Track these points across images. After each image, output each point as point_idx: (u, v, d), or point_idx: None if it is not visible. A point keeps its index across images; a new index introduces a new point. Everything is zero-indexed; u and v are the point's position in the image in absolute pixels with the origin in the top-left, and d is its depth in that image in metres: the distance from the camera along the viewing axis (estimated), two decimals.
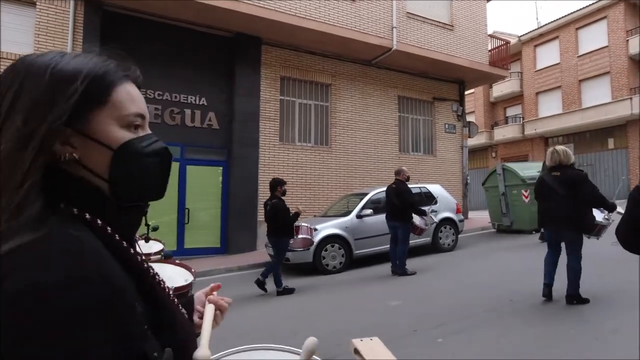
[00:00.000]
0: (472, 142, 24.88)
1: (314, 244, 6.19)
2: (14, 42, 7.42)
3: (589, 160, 19.58)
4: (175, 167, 9.11)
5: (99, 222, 0.53)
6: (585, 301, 3.89)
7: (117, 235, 0.54)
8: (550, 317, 3.82)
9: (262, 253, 8.07)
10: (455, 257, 7.45)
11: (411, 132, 12.41)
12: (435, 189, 8.35)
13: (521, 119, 23.11)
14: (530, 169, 10.16)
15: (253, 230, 9.25)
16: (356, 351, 0.73)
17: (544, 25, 22.05)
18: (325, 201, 10.21)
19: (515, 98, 23.64)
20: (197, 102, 9.33)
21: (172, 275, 2.30)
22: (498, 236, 9.54)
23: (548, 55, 21.82)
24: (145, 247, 3.30)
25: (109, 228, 0.53)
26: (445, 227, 8.04)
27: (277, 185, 5.63)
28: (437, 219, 7.93)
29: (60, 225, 0.48)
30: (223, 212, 9.56)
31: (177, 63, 9.11)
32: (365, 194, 7.66)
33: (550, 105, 21.58)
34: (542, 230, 7.37)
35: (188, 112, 9.22)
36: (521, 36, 22.86)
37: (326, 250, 6.73)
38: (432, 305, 4.56)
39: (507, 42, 13.23)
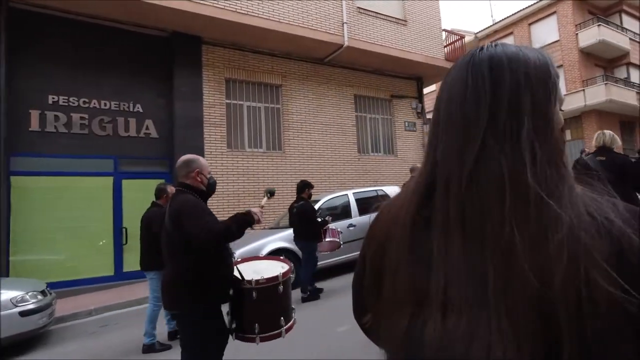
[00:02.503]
0: None
1: (341, 246, 5.80)
2: None
3: None
4: (107, 182, 8.19)
5: None
6: None
7: None
8: None
9: None
10: None
11: (370, 132, 11.94)
12: (392, 191, 7.83)
13: None
14: None
15: None
16: None
17: (498, 22, 22.36)
18: (281, 210, 9.52)
19: None
20: (131, 109, 8.44)
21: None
22: None
23: None
24: None
25: None
26: None
27: (305, 187, 5.58)
28: None
29: None
30: None
31: (105, 67, 8.21)
32: (317, 201, 7.04)
33: None
34: None
35: (121, 120, 8.31)
36: (477, 33, 23.09)
37: None
38: None
39: (462, 37, 13.06)
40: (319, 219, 5.56)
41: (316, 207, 6.83)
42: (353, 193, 7.29)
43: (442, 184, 0.51)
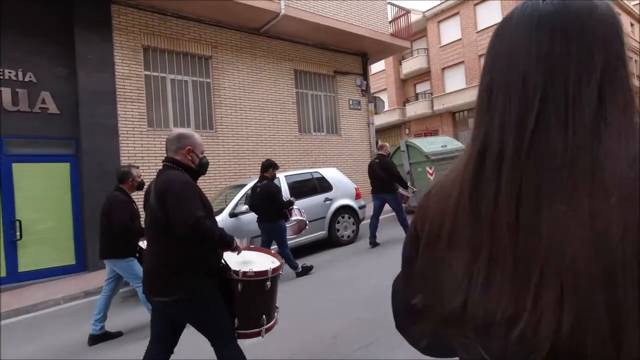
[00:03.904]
0: (385, 119, 24.88)
1: (307, 226, 5.65)
2: None
3: None
4: None
5: None
6: None
7: None
8: None
9: None
10: (355, 250, 6.48)
11: (312, 110, 11.23)
12: (330, 173, 7.25)
13: (430, 94, 23.43)
14: (434, 144, 9.63)
15: None
16: None
17: (445, 1, 22.27)
18: (211, 196, 8.64)
19: (424, 74, 23.87)
20: (21, 79, 7.04)
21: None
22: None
23: (451, 31, 22.17)
24: None
25: None
26: (343, 217, 7.01)
27: (269, 167, 5.33)
28: (332, 207, 6.87)
29: None
30: (76, 221, 7.52)
31: None
32: (244, 185, 6.28)
33: (455, 81, 22.07)
34: None
35: (6, 91, 6.91)
36: (425, 12, 22.91)
37: None
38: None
39: (408, 11, 12.57)
40: (284, 199, 5.40)
41: (240, 193, 6.09)
42: (285, 176, 6.60)
43: (497, 155, 0.49)
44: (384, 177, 6.29)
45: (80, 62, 7.43)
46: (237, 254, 2.18)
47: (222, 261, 2.11)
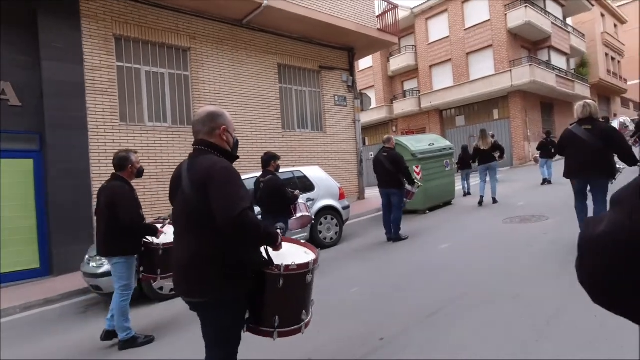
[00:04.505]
0: (373, 116, 24.64)
1: (313, 220, 5.46)
2: None
3: (477, 130, 20.34)
4: None
5: None
6: None
7: None
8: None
9: None
10: (339, 253, 6.16)
11: (296, 106, 10.86)
12: (312, 171, 6.91)
13: (418, 92, 23.27)
14: (422, 142, 9.38)
15: (87, 240, 6.91)
16: None
17: None
18: None
19: (412, 72, 23.68)
20: None
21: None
22: None
23: (439, 28, 22.00)
24: None
25: None
26: (326, 218, 6.68)
27: (270, 160, 5.08)
28: (315, 208, 6.54)
29: None
30: (40, 221, 7.02)
31: None
32: None
33: (443, 78, 21.93)
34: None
35: None
36: (413, 8, 22.69)
37: None
38: None
39: (396, 6, 12.28)
40: (289, 193, 5.16)
41: None
42: None
43: None
44: (392, 171, 6.15)
45: (44, 50, 6.91)
46: (278, 250, 1.95)
47: (264, 255, 1.90)
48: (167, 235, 3.64)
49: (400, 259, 5.23)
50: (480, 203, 8.36)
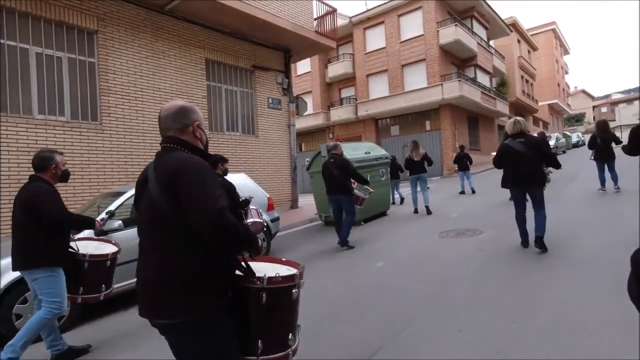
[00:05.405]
0: (310, 122, 24.29)
1: (265, 227, 5.25)
2: None
3: (410, 140, 20.92)
4: None
5: None
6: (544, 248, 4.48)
7: None
8: None
9: None
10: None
11: (225, 107, 9.97)
12: (237, 179, 6.12)
13: (355, 100, 23.41)
14: (358, 150, 9.03)
15: None
16: None
17: (371, 9, 22.43)
18: (82, 206, 6.95)
19: (349, 79, 23.79)
20: None
21: None
22: (324, 231, 8.07)
23: (376, 39, 22.37)
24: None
25: None
26: None
27: (217, 162, 4.77)
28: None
29: None
30: None
31: None
32: (122, 194, 4.89)
33: (379, 88, 22.29)
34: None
35: None
36: (352, 17, 22.86)
37: (25, 302, 3.74)
38: None
39: (334, 9, 11.96)
40: (241, 198, 4.84)
41: (115, 204, 4.70)
42: None
43: None
44: (340, 177, 6.06)
45: None
46: (260, 253, 1.71)
47: (243, 265, 1.65)
48: (93, 247, 3.33)
49: (333, 278, 4.68)
50: (416, 211, 8.67)
